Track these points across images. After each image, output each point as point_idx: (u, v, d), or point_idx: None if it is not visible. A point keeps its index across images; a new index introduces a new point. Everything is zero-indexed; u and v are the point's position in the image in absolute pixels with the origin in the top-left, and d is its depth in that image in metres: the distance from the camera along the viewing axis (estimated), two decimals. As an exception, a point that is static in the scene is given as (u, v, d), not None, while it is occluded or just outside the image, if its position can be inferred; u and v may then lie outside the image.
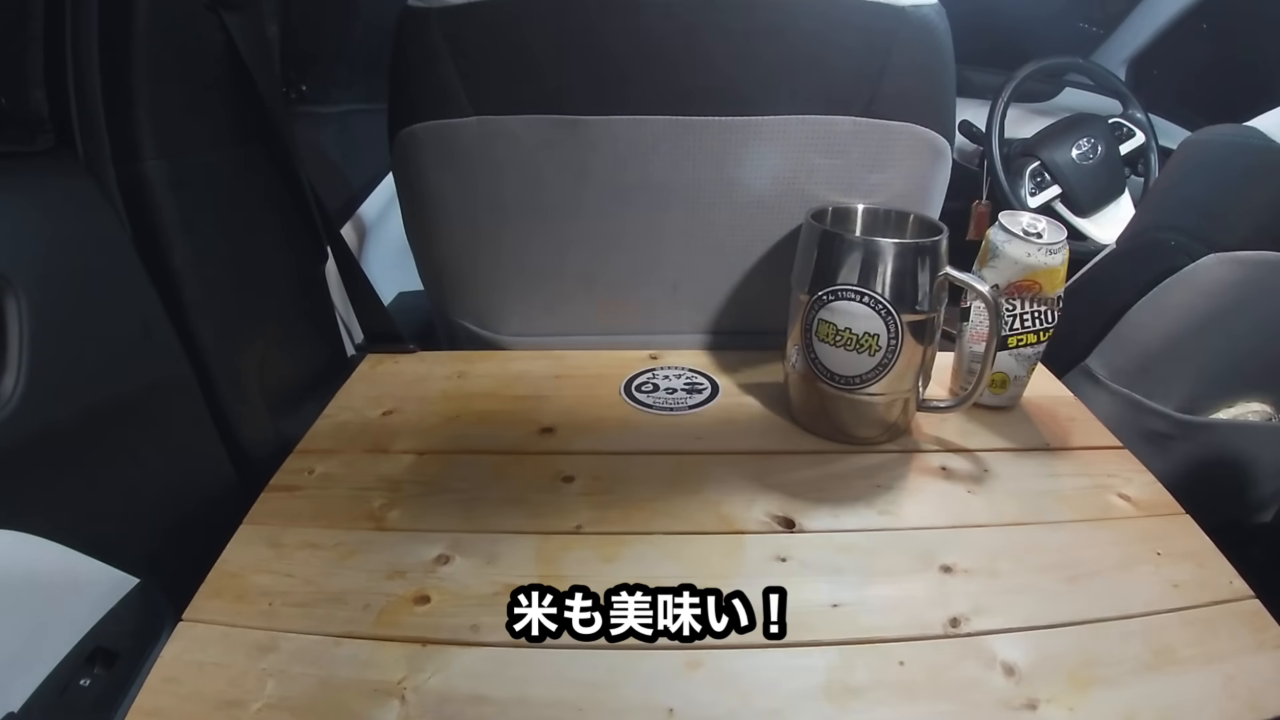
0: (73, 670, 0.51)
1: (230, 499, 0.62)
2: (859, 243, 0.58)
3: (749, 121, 0.66)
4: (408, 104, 0.68)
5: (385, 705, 0.40)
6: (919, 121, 0.67)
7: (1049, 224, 0.63)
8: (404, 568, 0.50)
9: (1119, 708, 0.40)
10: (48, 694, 0.48)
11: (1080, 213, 1.44)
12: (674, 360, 0.76)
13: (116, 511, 0.57)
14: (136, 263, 0.58)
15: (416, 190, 0.73)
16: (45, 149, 0.56)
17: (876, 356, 0.59)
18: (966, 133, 1.49)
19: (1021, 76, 1.43)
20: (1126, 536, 0.52)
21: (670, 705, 0.41)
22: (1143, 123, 1.46)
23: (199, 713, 0.40)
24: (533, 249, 0.73)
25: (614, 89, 0.65)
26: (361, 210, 1.22)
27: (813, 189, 0.68)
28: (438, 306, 0.82)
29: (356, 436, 0.64)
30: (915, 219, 0.65)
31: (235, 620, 0.46)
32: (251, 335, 0.70)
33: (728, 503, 0.55)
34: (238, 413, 0.68)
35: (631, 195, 0.70)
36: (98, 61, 0.56)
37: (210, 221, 0.65)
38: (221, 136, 0.68)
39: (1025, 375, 0.67)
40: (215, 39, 0.65)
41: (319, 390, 0.72)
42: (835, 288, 0.58)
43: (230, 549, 0.51)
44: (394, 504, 0.56)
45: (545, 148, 0.67)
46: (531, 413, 0.67)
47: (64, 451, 0.53)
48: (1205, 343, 0.75)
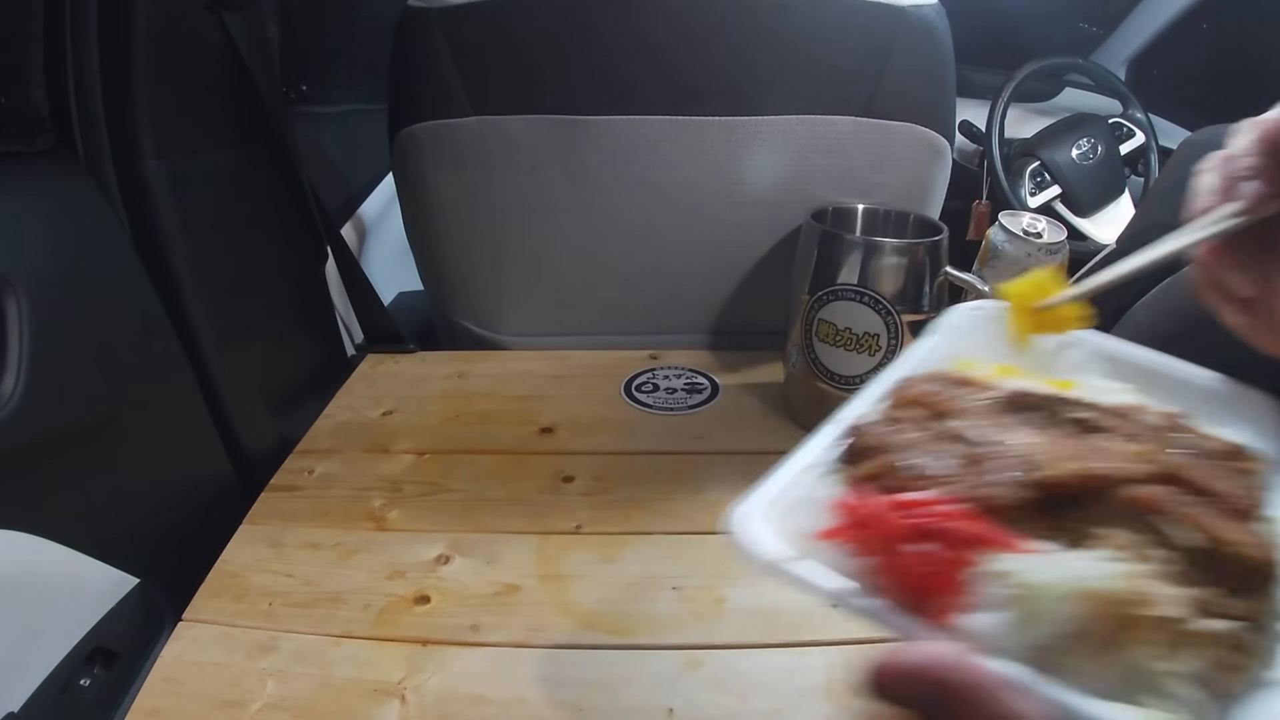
0: (73, 670, 0.50)
1: (230, 499, 0.62)
2: (859, 243, 0.58)
3: (749, 121, 0.66)
4: (408, 104, 0.68)
5: (385, 705, 0.40)
6: (919, 121, 0.67)
7: (1049, 224, 0.63)
8: (404, 568, 0.50)
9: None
10: (48, 694, 0.48)
11: (1080, 213, 1.44)
12: (674, 360, 0.76)
13: (116, 511, 0.57)
14: (136, 263, 0.58)
15: (416, 190, 0.73)
16: (45, 149, 0.56)
17: (876, 356, 0.58)
18: (966, 133, 1.49)
19: (1021, 76, 1.43)
20: (1126, 536, 0.52)
21: (670, 705, 0.41)
22: (1143, 123, 1.46)
23: (199, 713, 0.40)
24: (533, 249, 0.73)
25: (614, 89, 0.65)
26: (361, 210, 1.22)
27: (813, 189, 0.68)
28: (438, 306, 0.82)
29: (356, 436, 0.64)
30: (915, 219, 0.65)
31: (235, 620, 0.46)
32: (251, 335, 0.70)
33: (728, 503, 0.55)
34: (238, 413, 0.67)
35: (631, 195, 0.70)
36: (98, 61, 0.56)
37: (210, 221, 0.65)
38: (221, 136, 0.68)
39: (1025, 375, 0.67)
40: (215, 39, 0.65)
41: (319, 390, 0.72)
42: (835, 288, 0.58)
43: (230, 549, 0.51)
44: (394, 504, 0.56)
45: (545, 148, 0.67)
46: (531, 413, 0.67)
47: (64, 451, 0.52)
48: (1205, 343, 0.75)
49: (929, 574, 0.21)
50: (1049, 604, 0.21)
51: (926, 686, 0.19)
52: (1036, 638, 0.21)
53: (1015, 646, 0.21)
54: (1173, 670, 0.21)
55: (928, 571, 0.21)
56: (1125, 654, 0.21)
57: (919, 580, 0.21)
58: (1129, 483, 0.23)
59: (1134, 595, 0.21)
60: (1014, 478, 0.23)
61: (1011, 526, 0.23)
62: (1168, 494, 0.23)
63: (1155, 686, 0.21)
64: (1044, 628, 0.21)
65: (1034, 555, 0.22)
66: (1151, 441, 0.26)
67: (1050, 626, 0.21)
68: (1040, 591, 0.21)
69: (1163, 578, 0.22)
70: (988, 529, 0.22)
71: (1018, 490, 0.23)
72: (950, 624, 0.21)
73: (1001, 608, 0.21)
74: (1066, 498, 0.24)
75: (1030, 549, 0.22)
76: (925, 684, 0.19)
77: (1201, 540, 0.22)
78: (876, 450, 0.26)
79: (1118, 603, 0.21)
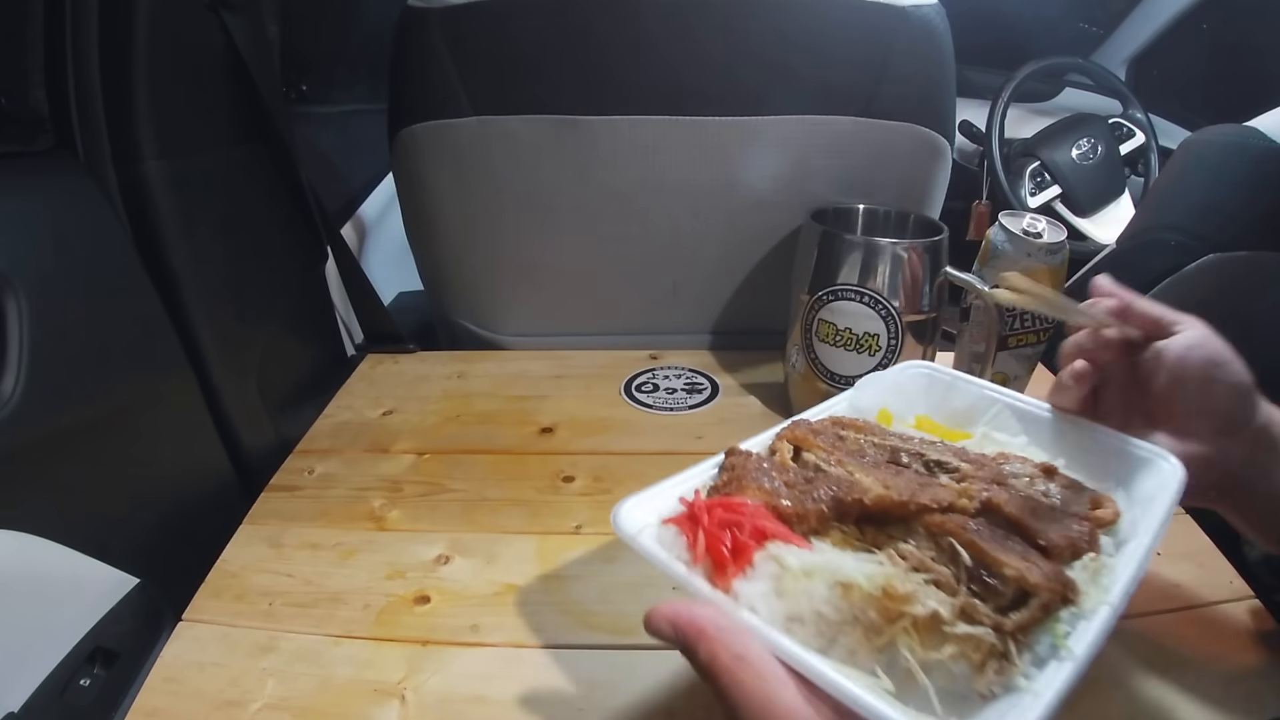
0: (73, 670, 0.50)
1: (230, 499, 0.62)
2: (859, 243, 0.58)
3: (749, 121, 0.66)
4: (408, 104, 0.68)
5: (385, 705, 0.40)
6: (919, 121, 0.67)
7: (1049, 224, 0.63)
8: (404, 568, 0.50)
9: (1119, 708, 0.40)
10: (48, 694, 0.48)
11: (1080, 213, 1.44)
12: (674, 360, 0.76)
13: (116, 511, 0.57)
14: (136, 263, 0.58)
15: (416, 190, 0.73)
16: (45, 149, 0.56)
17: (876, 356, 0.59)
18: (966, 133, 1.49)
19: (1021, 76, 1.43)
20: (1126, 536, 0.52)
21: (670, 705, 0.41)
22: (1143, 123, 1.46)
23: (199, 713, 0.40)
24: (533, 249, 0.73)
25: (614, 89, 0.65)
26: (361, 210, 1.22)
27: (813, 189, 0.68)
28: (438, 306, 0.82)
29: (356, 436, 0.64)
30: (915, 219, 0.65)
31: (235, 620, 0.46)
32: (251, 335, 0.70)
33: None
34: (238, 413, 0.67)
35: (631, 195, 0.70)
36: (98, 62, 0.56)
37: (210, 221, 0.65)
38: (221, 136, 0.68)
39: (1025, 375, 0.67)
40: (215, 39, 0.65)
41: (319, 390, 0.72)
42: (835, 288, 0.58)
43: (230, 549, 0.51)
44: (394, 504, 0.56)
45: (545, 148, 0.67)
46: (531, 413, 0.67)
47: (64, 451, 0.52)
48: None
49: (721, 552, 0.30)
50: (798, 582, 0.29)
51: (674, 628, 0.27)
52: (789, 608, 0.28)
53: (770, 611, 0.28)
54: (926, 661, 0.27)
55: (720, 550, 0.30)
56: (889, 640, 0.28)
57: (714, 556, 0.30)
58: (929, 511, 0.31)
59: (903, 594, 0.28)
60: (830, 497, 0.32)
61: (816, 532, 0.32)
62: (958, 522, 0.31)
63: (910, 671, 0.27)
64: (795, 601, 0.28)
65: (801, 549, 0.30)
66: (986, 482, 0.34)
67: (800, 601, 0.28)
68: (793, 573, 0.29)
69: (936, 585, 0.29)
70: (776, 527, 0.31)
71: (822, 505, 0.32)
72: (729, 589, 0.29)
73: (765, 581, 0.29)
74: (875, 517, 0.32)
75: (802, 545, 0.30)
76: (674, 626, 0.27)
77: (973, 561, 0.29)
78: (735, 468, 0.35)
79: (890, 598, 0.28)
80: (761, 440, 0.39)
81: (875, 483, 0.33)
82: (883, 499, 0.32)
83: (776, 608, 0.28)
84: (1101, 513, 0.34)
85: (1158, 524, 0.33)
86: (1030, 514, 0.32)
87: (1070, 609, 0.29)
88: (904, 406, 0.44)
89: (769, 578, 0.29)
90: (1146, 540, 0.32)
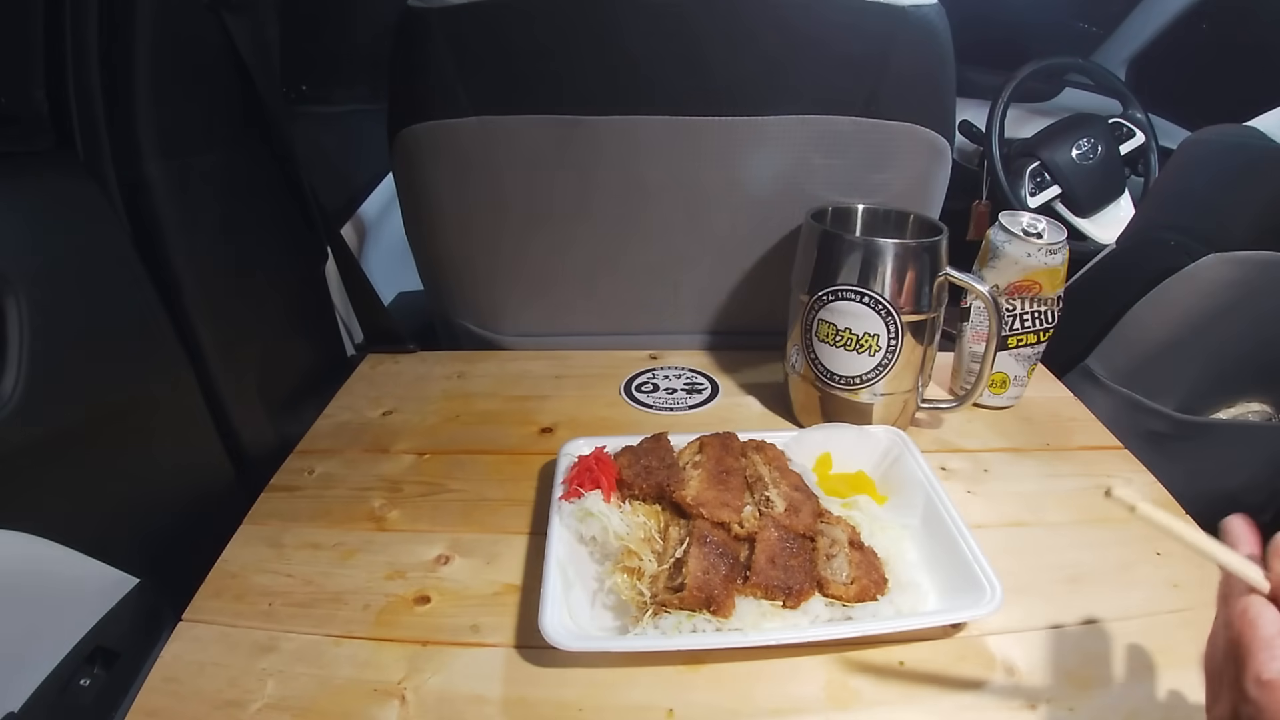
0: (73, 670, 0.51)
1: (230, 499, 0.62)
2: (859, 243, 0.58)
3: (749, 121, 0.66)
4: (408, 104, 0.68)
5: (385, 705, 0.40)
6: (919, 121, 0.67)
7: (1049, 224, 0.63)
8: (404, 568, 0.50)
9: (1119, 708, 0.40)
10: (48, 694, 0.48)
11: (1080, 213, 1.44)
12: (674, 360, 0.76)
13: (116, 511, 0.57)
14: (136, 263, 0.58)
15: (416, 190, 0.73)
16: (45, 149, 0.56)
17: (876, 356, 0.59)
18: (966, 133, 1.49)
19: (1021, 76, 1.43)
20: (1126, 536, 0.52)
21: (670, 705, 0.41)
22: (1143, 123, 1.46)
23: (199, 713, 0.40)
24: (533, 249, 0.73)
25: (614, 89, 0.65)
26: (361, 210, 1.22)
27: (813, 189, 0.68)
28: (438, 306, 0.82)
29: (356, 436, 0.64)
30: (915, 219, 0.65)
31: (235, 620, 0.46)
32: (251, 335, 0.70)
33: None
34: (238, 413, 0.68)
35: (631, 195, 0.70)
36: (98, 62, 0.56)
37: (210, 221, 0.65)
38: (221, 136, 0.68)
39: (1025, 375, 0.67)
40: (215, 39, 0.65)
41: (319, 390, 0.72)
42: (835, 288, 0.58)
43: (230, 549, 0.51)
44: (394, 504, 0.56)
45: (545, 148, 0.67)
46: (531, 413, 0.67)
47: (64, 452, 0.52)
48: (1205, 342, 0.75)
49: (574, 485, 0.51)
50: (588, 517, 0.48)
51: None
52: (583, 530, 0.48)
53: (573, 527, 0.49)
54: (620, 590, 0.45)
55: (574, 484, 0.51)
56: (616, 569, 0.46)
57: (571, 486, 0.51)
58: (703, 519, 0.47)
59: (631, 551, 0.46)
60: (657, 484, 0.50)
61: (645, 499, 0.50)
62: (702, 532, 0.46)
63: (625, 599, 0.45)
64: (587, 527, 0.48)
65: (605, 502, 0.49)
66: (777, 525, 0.47)
67: (591, 527, 0.48)
68: (585, 510, 0.49)
69: (657, 557, 0.46)
70: (608, 483, 0.50)
71: (650, 485, 0.50)
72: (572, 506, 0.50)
73: (577, 509, 0.49)
74: (677, 505, 0.48)
75: (610, 500, 0.50)
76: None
77: (683, 556, 0.45)
78: (638, 450, 0.53)
79: (626, 551, 0.46)
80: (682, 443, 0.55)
81: (693, 488, 0.49)
82: (681, 498, 0.48)
83: (575, 526, 0.49)
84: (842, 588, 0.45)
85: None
86: (768, 559, 0.45)
87: (705, 616, 0.42)
88: (840, 452, 0.57)
89: (579, 508, 0.49)
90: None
